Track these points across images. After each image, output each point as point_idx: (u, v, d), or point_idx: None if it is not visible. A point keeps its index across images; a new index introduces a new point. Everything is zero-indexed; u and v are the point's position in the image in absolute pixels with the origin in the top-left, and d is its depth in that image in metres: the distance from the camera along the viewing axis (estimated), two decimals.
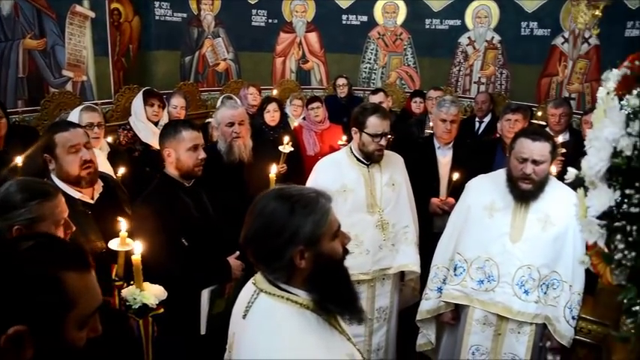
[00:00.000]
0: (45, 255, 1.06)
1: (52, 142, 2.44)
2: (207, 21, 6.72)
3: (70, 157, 2.43)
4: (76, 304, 1.05)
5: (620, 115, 1.02)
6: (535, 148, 2.53)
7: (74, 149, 2.44)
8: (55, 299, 1.03)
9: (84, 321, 1.09)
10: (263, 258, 1.40)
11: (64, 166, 2.44)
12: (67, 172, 2.44)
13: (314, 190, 1.42)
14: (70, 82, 5.15)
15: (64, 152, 2.43)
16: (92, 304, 1.11)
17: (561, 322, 2.57)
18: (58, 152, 2.43)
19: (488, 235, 2.70)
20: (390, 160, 3.10)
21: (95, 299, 1.12)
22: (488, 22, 6.74)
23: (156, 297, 2.16)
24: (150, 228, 2.45)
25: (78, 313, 1.06)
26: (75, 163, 2.44)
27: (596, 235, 1.12)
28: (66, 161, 2.43)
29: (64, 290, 1.03)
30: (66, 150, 2.43)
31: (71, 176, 2.45)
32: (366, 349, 3.11)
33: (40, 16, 4.78)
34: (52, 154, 2.44)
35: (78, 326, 1.07)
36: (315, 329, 1.37)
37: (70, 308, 1.05)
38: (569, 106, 4.72)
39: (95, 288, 1.13)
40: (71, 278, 1.05)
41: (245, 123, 3.34)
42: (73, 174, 2.44)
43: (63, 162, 2.43)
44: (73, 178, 2.45)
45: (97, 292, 1.15)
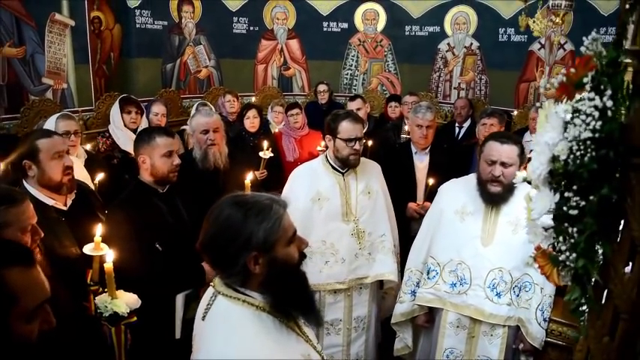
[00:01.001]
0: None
1: (35, 147, 2.44)
2: (188, 29, 6.74)
3: (54, 163, 2.45)
4: (19, 299, 1.09)
5: (559, 120, 1.07)
6: (503, 151, 2.56)
7: (58, 155, 2.47)
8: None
9: (31, 314, 1.12)
10: (219, 263, 1.44)
11: (47, 172, 2.44)
12: (50, 177, 2.45)
13: (269, 197, 1.45)
14: (50, 90, 5.14)
15: (47, 158, 2.44)
16: (37, 298, 1.14)
17: (533, 324, 2.59)
18: (42, 158, 2.44)
19: (460, 239, 2.73)
20: (366, 169, 3.09)
21: (40, 293, 1.16)
22: (466, 28, 6.85)
23: (128, 305, 2.16)
24: (124, 233, 2.46)
25: (23, 306, 1.10)
26: (58, 169, 2.46)
27: (540, 237, 1.17)
28: (49, 167, 2.44)
29: (6, 286, 1.07)
30: (50, 156, 2.44)
31: (53, 182, 2.46)
32: (345, 359, 3.11)
33: (19, 25, 4.78)
34: (34, 159, 2.44)
35: (25, 319, 1.11)
36: (270, 331, 1.39)
37: (13, 303, 1.09)
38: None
39: (40, 282, 1.17)
40: (13, 275, 1.09)
41: (220, 130, 3.35)
42: (56, 180, 2.46)
43: (46, 167, 2.44)
44: (54, 183, 2.46)
45: (42, 286, 1.18)
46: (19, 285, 1.10)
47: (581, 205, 1.03)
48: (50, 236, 2.29)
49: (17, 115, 4.84)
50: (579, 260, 1.08)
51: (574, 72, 1.06)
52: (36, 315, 1.14)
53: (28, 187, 2.46)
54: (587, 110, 0.98)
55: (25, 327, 1.12)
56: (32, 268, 1.15)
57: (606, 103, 0.96)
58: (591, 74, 1.03)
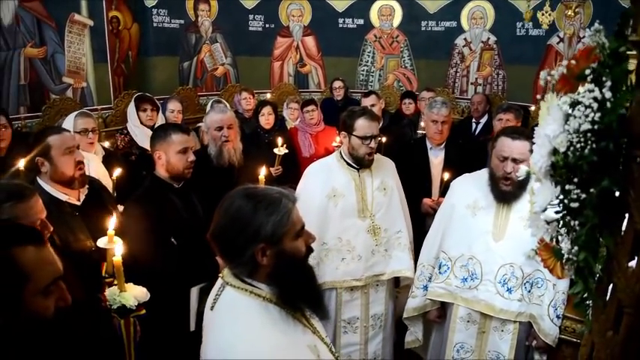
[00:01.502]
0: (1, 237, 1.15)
1: (47, 145, 2.52)
2: (204, 27, 6.82)
3: (65, 158, 2.52)
4: (31, 276, 1.15)
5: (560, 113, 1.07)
6: (515, 147, 2.54)
7: (69, 151, 2.54)
8: (11, 274, 1.12)
9: (44, 290, 1.17)
10: (227, 253, 1.46)
11: (60, 167, 2.52)
12: (62, 172, 2.52)
13: (278, 191, 1.47)
14: (70, 89, 5.28)
15: (59, 154, 2.51)
16: (49, 275, 1.19)
17: (545, 320, 2.57)
18: (54, 154, 2.51)
19: (472, 234, 2.72)
20: (381, 165, 3.07)
21: (53, 270, 1.21)
22: (483, 23, 6.78)
23: (136, 298, 2.20)
24: (140, 228, 2.51)
25: (35, 283, 1.15)
26: (70, 164, 2.53)
27: (542, 230, 1.16)
28: (61, 162, 2.51)
29: (18, 264, 1.13)
30: (61, 152, 2.51)
31: (66, 176, 2.53)
32: (362, 358, 3.10)
33: (40, 25, 4.91)
34: (46, 156, 2.51)
35: (40, 295, 1.17)
36: (277, 321, 1.42)
37: (26, 280, 1.14)
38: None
39: (52, 260, 1.22)
40: (25, 253, 1.14)
41: (234, 127, 3.38)
42: (68, 174, 2.53)
43: (58, 163, 2.51)
44: (67, 178, 2.53)
45: (55, 264, 1.23)
46: (31, 263, 1.15)
47: (582, 197, 1.03)
48: (65, 230, 2.36)
49: (39, 113, 4.98)
50: (581, 253, 1.08)
51: (575, 64, 1.06)
52: (50, 292, 1.19)
53: (42, 184, 2.53)
54: (586, 102, 0.98)
55: (41, 303, 1.17)
56: (43, 246, 1.20)
57: (605, 95, 0.95)
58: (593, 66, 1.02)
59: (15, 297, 1.13)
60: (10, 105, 4.74)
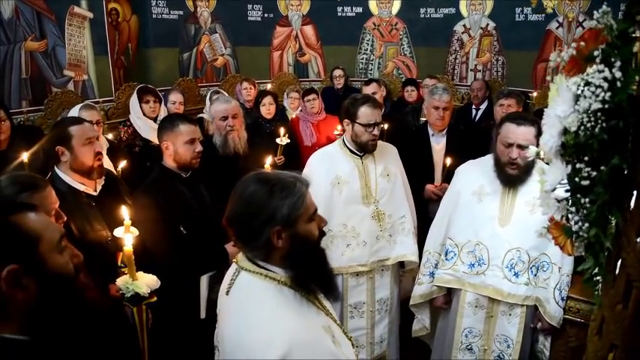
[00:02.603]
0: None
1: (68, 134, 2.54)
2: (203, 17, 6.81)
3: (86, 149, 2.54)
4: (40, 236, 1.20)
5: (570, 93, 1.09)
6: (520, 133, 2.56)
7: (89, 141, 2.56)
8: (20, 238, 1.17)
9: (57, 248, 1.23)
10: (243, 237, 1.49)
11: (80, 157, 2.54)
12: (82, 162, 2.54)
13: (292, 175, 1.51)
14: (71, 82, 5.28)
15: (79, 144, 2.53)
16: (56, 232, 1.26)
17: (551, 303, 2.61)
18: (74, 144, 2.53)
19: (478, 220, 2.75)
20: (384, 151, 3.09)
21: (55, 228, 1.28)
22: (482, 8, 6.77)
23: (148, 286, 2.23)
24: (150, 217, 2.53)
25: (47, 242, 1.21)
26: (90, 154, 2.55)
27: (553, 208, 1.20)
28: (82, 152, 2.54)
29: (23, 229, 1.18)
30: (82, 142, 2.54)
31: (85, 167, 2.55)
32: (369, 342, 3.14)
33: (40, 18, 4.90)
34: (66, 145, 2.53)
35: (55, 252, 1.22)
36: (292, 303, 1.45)
37: (37, 240, 1.19)
38: None
39: (51, 222, 1.31)
40: (26, 217, 1.20)
41: (239, 116, 3.40)
42: (88, 164, 2.55)
43: (79, 153, 2.53)
44: (86, 168, 2.56)
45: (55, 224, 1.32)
46: (36, 224, 1.20)
47: (592, 175, 1.06)
48: (82, 220, 2.40)
49: (41, 107, 4.98)
50: (592, 229, 1.11)
51: (584, 45, 1.08)
52: (63, 248, 1.25)
53: (60, 173, 2.56)
54: (596, 82, 1.00)
55: (59, 259, 1.22)
56: (39, 211, 1.26)
57: (615, 75, 0.98)
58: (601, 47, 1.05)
59: (34, 258, 1.17)
60: (12, 99, 4.74)
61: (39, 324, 1.18)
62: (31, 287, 1.16)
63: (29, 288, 1.16)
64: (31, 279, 1.16)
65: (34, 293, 1.16)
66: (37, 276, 1.17)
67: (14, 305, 1.15)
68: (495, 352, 2.79)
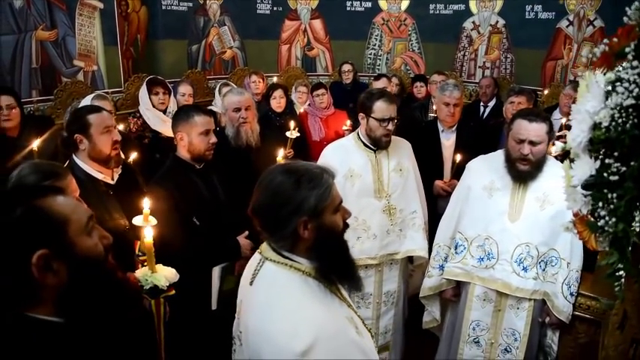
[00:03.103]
0: (18, 197, 1.20)
1: (86, 122, 2.55)
2: (212, 10, 6.80)
3: (104, 137, 2.56)
4: (68, 219, 1.19)
5: (600, 89, 1.10)
6: (532, 129, 2.57)
7: (107, 130, 2.57)
8: (48, 222, 1.16)
9: (85, 230, 1.23)
10: (269, 227, 1.50)
11: (98, 145, 2.55)
12: (100, 150, 2.56)
13: (318, 167, 1.52)
14: (81, 72, 5.28)
15: (98, 132, 2.55)
16: (84, 214, 1.25)
17: (559, 297, 2.63)
18: (93, 132, 2.54)
19: (488, 215, 2.77)
20: (398, 146, 3.11)
21: (83, 211, 1.26)
22: (492, 6, 6.76)
23: (167, 279, 2.25)
24: (164, 208, 2.54)
25: (75, 225, 1.20)
26: (108, 143, 2.57)
27: (580, 203, 1.21)
28: (100, 140, 2.55)
29: (51, 212, 1.17)
30: (100, 130, 2.55)
31: (103, 155, 2.57)
32: (374, 332, 3.16)
33: (51, 8, 4.90)
34: (85, 133, 2.55)
35: (84, 235, 1.22)
36: (316, 294, 1.47)
37: (65, 223, 1.18)
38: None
39: (78, 204, 1.29)
40: (51, 202, 1.19)
41: (251, 108, 3.41)
42: (105, 153, 2.57)
43: (97, 141, 2.55)
44: (104, 156, 2.58)
45: (82, 206, 1.30)
46: (63, 206, 1.20)
47: (622, 170, 1.07)
48: (100, 209, 2.41)
49: (51, 96, 4.99)
50: (619, 224, 1.12)
51: (616, 42, 1.09)
52: (91, 230, 1.25)
53: (79, 162, 2.57)
54: (630, 78, 1.01)
55: (88, 242, 1.22)
56: (62, 194, 1.25)
57: None
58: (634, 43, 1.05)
59: (64, 241, 1.17)
60: (23, 88, 4.75)
61: (71, 306, 1.18)
62: (62, 271, 1.16)
63: (60, 272, 1.16)
64: (61, 263, 1.16)
65: (64, 277, 1.17)
66: (66, 259, 1.17)
67: (46, 289, 1.15)
68: (502, 345, 2.82)
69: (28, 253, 1.12)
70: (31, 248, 1.12)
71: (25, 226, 1.13)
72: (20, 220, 1.13)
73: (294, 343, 1.32)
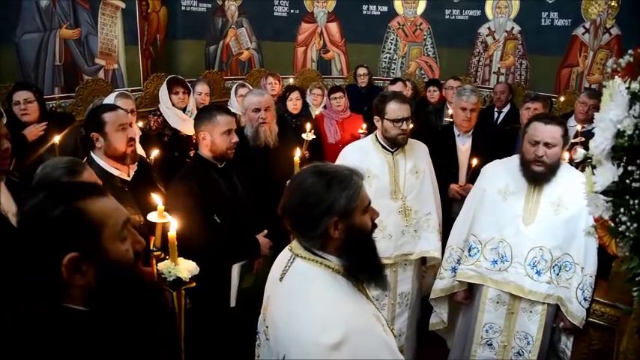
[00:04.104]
0: (60, 196, 1.22)
1: (101, 120, 2.62)
2: (231, 11, 6.89)
3: (119, 135, 2.63)
4: (104, 224, 1.22)
5: (624, 98, 1.15)
6: (547, 131, 2.60)
7: (122, 127, 2.64)
8: (84, 226, 1.19)
9: (119, 235, 1.25)
10: (300, 227, 1.55)
11: (113, 143, 2.62)
12: (116, 148, 2.63)
13: (348, 168, 1.56)
14: (102, 70, 5.38)
15: (113, 130, 2.62)
16: (120, 219, 1.27)
17: (573, 302, 2.65)
18: (108, 130, 2.62)
19: (502, 218, 2.80)
20: (415, 148, 3.19)
21: (120, 215, 1.28)
22: (508, 12, 6.77)
23: (189, 272, 2.30)
24: (185, 205, 2.60)
25: (110, 230, 1.23)
26: (123, 141, 2.64)
27: (602, 208, 1.25)
28: (115, 138, 2.62)
29: (88, 216, 1.20)
30: (115, 128, 2.62)
31: (118, 152, 2.64)
32: None
33: (75, 7, 5.02)
34: (100, 132, 2.62)
35: (117, 241, 1.25)
36: (346, 291, 1.51)
37: (100, 228, 1.21)
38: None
39: (117, 206, 1.30)
40: (90, 205, 1.22)
41: (271, 109, 3.47)
42: (121, 150, 2.64)
43: (112, 139, 2.62)
44: (119, 154, 2.65)
45: (120, 209, 1.30)
46: (100, 211, 1.22)
47: None
48: None
49: (72, 94, 5.09)
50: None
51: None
52: (125, 236, 1.27)
53: (96, 159, 2.65)
54: None
55: (120, 248, 1.25)
56: (105, 196, 1.28)
57: None
58: None
59: (96, 246, 1.20)
60: (45, 85, 4.86)
61: (98, 305, 1.22)
62: (90, 273, 1.19)
63: (88, 274, 1.19)
64: (91, 266, 1.19)
65: (92, 279, 1.20)
66: (96, 263, 1.20)
67: (74, 287, 1.19)
68: (515, 348, 2.84)
69: (60, 254, 1.15)
70: (63, 249, 1.16)
71: (62, 226, 1.17)
72: (58, 220, 1.16)
73: (324, 337, 1.35)
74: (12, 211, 2.30)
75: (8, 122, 3.37)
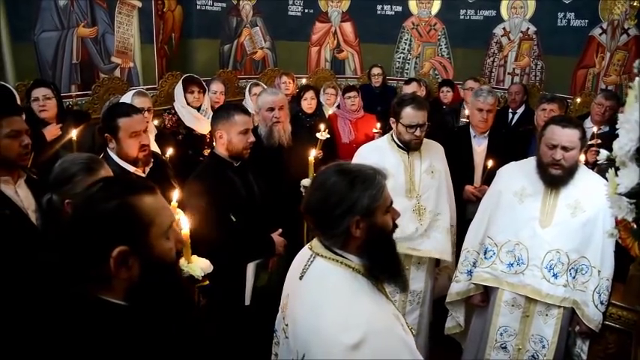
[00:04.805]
0: (114, 190, 1.25)
1: (116, 125, 2.66)
2: (245, 10, 6.92)
3: (131, 141, 2.66)
4: (153, 221, 1.25)
5: None
6: (564, 135, 2.58)
7: (135, 134, 2.67)
8: (136, 221, 1.22)
9: (165, 233, 1.28)
10: (322, 225, 1.55)
11: (125, 148, 2.67)
12: (127, 153, 2.68)
13: (372, 168, 1.56)
14: (118, 69, 5.43)
15: (125, 136, 2.66)
16: (168, 218, 1.30)
17: (590, 306, 2.62)
18: (121, 136, 2.66)
19: (519, 220, 2.78)
20: (431, 148, 3.21)
21: (168, 214, 1.32)
22: (523, 12, 6.72)
23: (202, 270, 2.31)
24: (202, 203, 2.63)
25: (158, 227, 1.26)
26: (134, 147, 2.68)
27: (625, 210, 1.24)
28: (127, 144, 2.66)
29: (140, 212, 1.23)
30: (128, 135, 2.66)
31: (130, 157, 2.68)
32: None
33: (93, 6, 5.08)
34: (114, 135, 2.67)
35: (163, 238, 1.27)
36: (366, 290, 1.51)
37: (150, 224, 1.24)
38: (619, 102, 4.71)
39: (166, 206, 1.33)
40: (142, 201, 1.24)
41: (285, 108, 3.48)
42: (132, 155, 2.68)
43: (124, 144, 2.67)
44: (131, 159, 2.69)
45: (168, 209, 1.34)
46: (152, 208, 1.25)
47: None
48: None
49: (88, 92, 5.15)
50: None
51: None
52: (169, 235, 1.30)
53: (112, 154, 2.69)
54: None
55: (165, 245, 1.28)
56: (155, 193, 1.30)
57: None
58: None
59: (144, 241, 1.23)
60: (63, 83, 4.91)
61: (139, 300, 1.24)
62: (135, 268, 1.22)
63: (133, 268, 1.22)
64: (137, 260, 1.22)
65: (136, 273, 1.23)
66: (142, 258, 1.23)
67: (118, 281, 1.22)
68: (530, 351, 2.82)
69: (110, 246, 1.18)
70: (114, 241, 1.19)
71: (114, 220, 1.20)
72: (111, 213, 1.20)
73: (345, 337, 1.35)
74: (31, 207, 2.34)
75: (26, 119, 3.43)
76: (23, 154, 2.32)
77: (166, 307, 1.30)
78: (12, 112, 2.37)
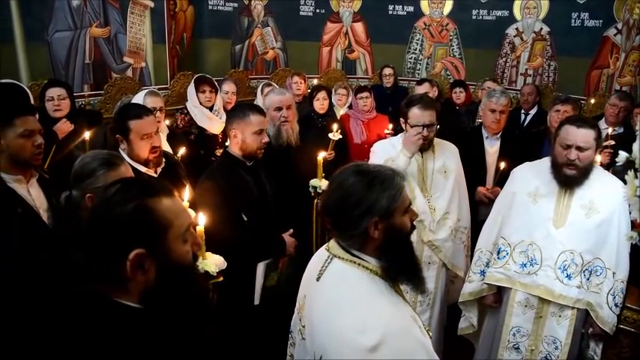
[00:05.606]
0: (132, 192, 1.24)
1: (127, 127, 2.69)
2: (257, 11, 6.94)
3: (142, 143, 2.69)
4: (171, 224, 1.24)
5: None
6: (579, 135, 2.56)
7: (146, 136, 2.70)
8: (153, 223, 1.21)
9: (182, 236, 1.27)
10: (340, 226, 1.54)
11: (135, 150, 2.70)
12: (138, 155, 2.71)
13: (390, 169, 1.55)
14: (130, 69, 5.47)
15: (137, 138, 2.68)
16: (185, 221, 1.29)
17: (604, 308, 2.60)
18: (132, 137, 2.69)
19: (532, 221, 2.76)
20: (445, 148, 3.21)
21: (186, 216, 1.30)
22: (536, 12, 6.67)
23: (216, 266, 2.32)
24: (214, 202, 2.63)
25: (175, 230, 1.25)
26: (145, 149, 2.71)
27: None
28: (138, 146, 2.70)
29: (157, 214, 1.22)
30: (139, 137, 2.68)
31: (140, 159, 2.71)
32: None
33: (105, 6, 5.11)
34: (125, 137, 2.69)
35: (180, 241, 1.26)
36: (384, 292, 1.50)
37: (167, 227, 1.23)
38: (633, 102, 4.66)
39: (183, 209, 1.32)
40: (160, 203, 1.23)
41: (292, 108, 3.49)
42: (143, 157, 2.71)
43: (135, 146, 2.70)
44: (142, 160, 2.72)
45: (186, 212, 1.33)
46: (170, 211, 1.24)
47: None
48: None
49: (101, 92, 5.18)
50: None
51: None
52: (187, 238, 1.29)
53: (123, 154, 2.71)
54: None
55: (182, 248, 1.27)
56: (174, 197, 1.30)
57: None
58: None
59: (161, 244, 1.22)
60: (75, 83, 4.95)
61: (155, 303, 1.24)
62: (151, 271, 1.22)
63: (149, 271, 1.21)
64: (153, 263, 1.21)
65: (153, 277, 1.22)
66: (159, 262, 1.22)
67: (134, 283, 1.21)
68: (543, 352, 2.79)
69: (127, 249, 1.18)
70: (131, 244, 1.18)
71: (132, 222, 1.19)
72: (130, 215, 1.19)
73: (363, 339, 1.35)
74: (43, 207, 2.36)
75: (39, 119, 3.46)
76: (36, 154, 2.34)
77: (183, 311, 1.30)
78: (26, 111, 2.40)
